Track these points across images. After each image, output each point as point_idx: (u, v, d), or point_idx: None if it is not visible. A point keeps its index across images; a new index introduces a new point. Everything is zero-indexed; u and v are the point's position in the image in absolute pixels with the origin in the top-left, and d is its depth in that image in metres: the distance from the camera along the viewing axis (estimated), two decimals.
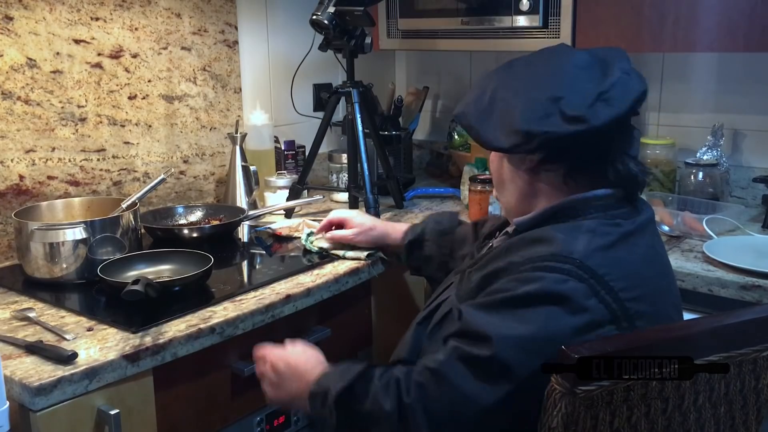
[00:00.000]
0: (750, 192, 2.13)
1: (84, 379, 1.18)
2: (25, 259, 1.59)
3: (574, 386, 0.89)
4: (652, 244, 1.15)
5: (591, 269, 1.02)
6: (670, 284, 1.17)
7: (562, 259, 1.03)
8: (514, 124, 1.10)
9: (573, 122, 1.07)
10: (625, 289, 1.03)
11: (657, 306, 1.08)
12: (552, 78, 1.12)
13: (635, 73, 1.14)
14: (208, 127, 2.18)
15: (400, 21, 2.32)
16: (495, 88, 1.16)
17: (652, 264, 1.12)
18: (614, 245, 1.06)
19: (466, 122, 1.19)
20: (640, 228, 1.12)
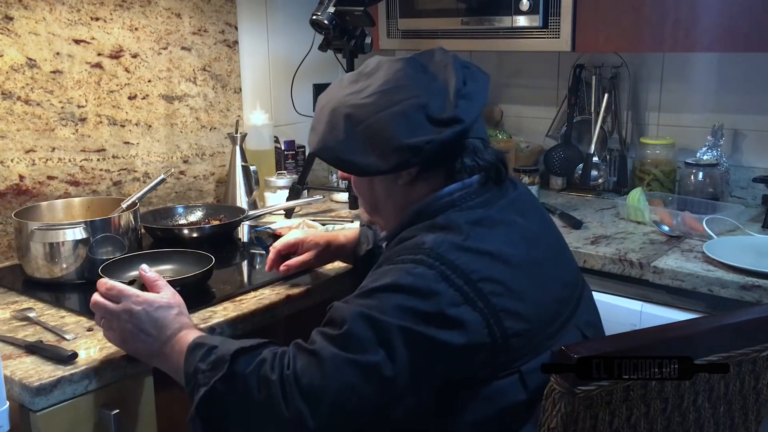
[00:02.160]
0: (750, 192, 2.13)
1: (84, 379, 1.18)
2: (25, 259, 1.59)
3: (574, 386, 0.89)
4: (517, 221, 1.14)
5: (440, 255, 1.03)
6: (543, 257, 1.14)
7: (415, 251, 1.05)
8: (392, 143, 1.08)
9: (447, 125, 1.07)
10: (476, 271, 1.03)
11: (519, 284, 1.06)
12: (404, 88, 1.10)
13: (470, 64, 1.16)
14: (208, 127, 2.18)
15: (400, 21, 2.32)
16: (347, 114, 1.12)
17: (515, 244, 1.10)
18: (468, 234, 1.07)
19: (332, 156, 1.14)
20: (500, 210, 1.13)
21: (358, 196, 1.25)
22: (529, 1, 2.01)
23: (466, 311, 1.01)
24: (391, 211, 1.20)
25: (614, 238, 1.85)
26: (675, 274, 1.61)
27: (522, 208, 1.17)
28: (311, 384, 1.01)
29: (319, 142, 1.16)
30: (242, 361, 1.06)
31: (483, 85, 1.15)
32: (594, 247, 1.77)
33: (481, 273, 1.04)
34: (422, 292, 1.01)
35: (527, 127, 2.55)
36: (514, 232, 1.12)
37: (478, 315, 1.02)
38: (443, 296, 1.01)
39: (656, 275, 1.64)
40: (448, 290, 1.01)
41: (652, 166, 2.23)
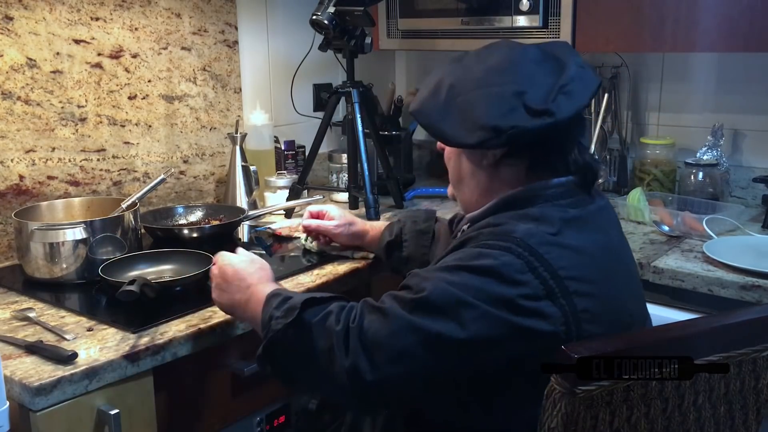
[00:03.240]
0: (750, 192, 2.13)
1: (84, 379, 1.18)
2: (25, 259, 1.59)
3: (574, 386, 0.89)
4: (604, 230, 1.15)
5: (530, 246, 1.04)
6: (622, 271, 1.16)
7: (504, 237, 1.06)
8: (480, 120, 1.09)
9: (539, 116, 1.08)
10: (565, 268, 1.04)
11: (603, 289, 1.07)
12: (511, 73, 1.12)
13: (588, 66, 1.17)
14: (208, 127, 2.18)
15: (400, 21, 2.32)
16: (451, 84, 1.15)
17: (601, 250, 1.11)
18: (560, 230, 1.08)
19: (425, 120, 1.17)
20: (590, 215, 1.13)
21: (448, 167, 1.28)
22: (529, 1, 2.01)
23: (546, 305, 1.01)
24: (473, 189, 1.21)
25: None
26: (675, 274, 1.61)
27: (608, 218, 1.19)
28: (375, 339, 1.04)
29: (419, 103, 1.19)
30: (311, 310, 1.12)
31: (589, 87, 1.14)
32: None
33: (569, 271, 1.04)
34: (506, 278, 1.01)
35: None
36: (602, 238, 1.13)
37: (558, 311, 1.02)
38: (527, 286, 1.01)
39: (656, 275, 1.64)
40: (533, 281, 1.01)
41: (652, 166, 2.23)
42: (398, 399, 1.10)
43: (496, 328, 1.01)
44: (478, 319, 1.00)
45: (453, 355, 1.02)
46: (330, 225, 1.68)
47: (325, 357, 1.08)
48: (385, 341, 1.03)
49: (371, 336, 1.04)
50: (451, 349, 1.02)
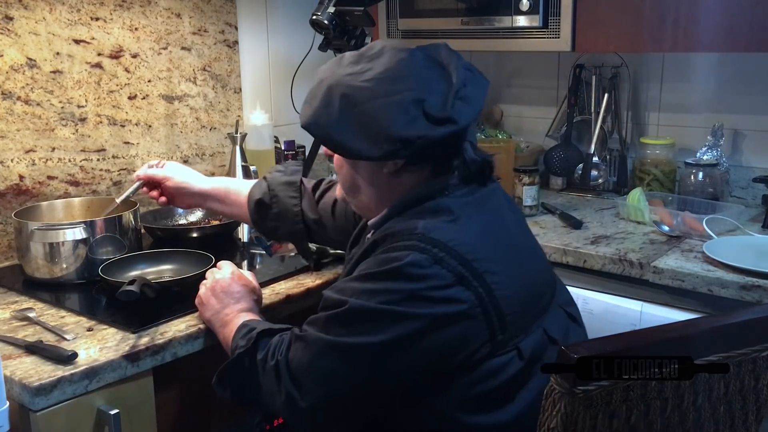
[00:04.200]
0: (750, 192, 2.13)
1: (84, 379, 1.19)
2: (25, 259, 1.59)
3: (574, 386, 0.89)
4: (497, 209, 1.18)
5: (432, 239, 1.05)
6: (523, 246, 1.20)
7: (407, 237, 1.07)
8: (384, 132, 1.07)
9: (442, 123, 1.08)
10: (470, 251, 1.06)
11: (509, 264, 1.10)
12: (406, 80, 1.10)
13: (473, 67, 1.17)
14: (208, 127, 2.18)
15: (400, 21, 2.32)
16: (343, 93, 1.11)
17: (500, 228, 1.15)
18: (458, 216, 1.10)
19: (321, 133, 1.13)
20: (483, 197, 1.16)
21: (338, 175, 1.25)
22: (529, 1, 2.01)
23: (458, 291, 1.03)
24: (371, 197, 1.20)
25: (614, 238, 1.85)
26: (675, 274, 1.61)
27: (499, 197, 1.22)
28: (299, 366, 1.09)
29: (311, 116, 1.15)
30: (262, 343, 1.17)
31: (482, 90, 1.16)
32: (594, 247, 1.77)
33: (475, 253, 1.06)
34: (414, 276, 1.03)
35: (527, 127, 2.55)
36: (497, 217, 1.16)
37: (471, 294, 1.04)
38: (435, 278, 1.03)
39: (656, 275, 1.64)
40: (441, 271, 1.03)
41: (652, 166, 2.23)
42: (341, 417, 1.11)
43: (413, 324, 1.02)
44: (393, 321, 1.02)
45: (376, 362, 1.04)
46: (159, 171, 1.58)
47: (267, 390, 1.14)
48: (308, 367, 1.08)
49: (296, 365, 1.09)
50: (374, 357, 1.04)
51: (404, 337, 1.03)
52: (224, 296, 1.33)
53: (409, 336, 1.03)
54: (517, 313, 1.07)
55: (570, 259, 1.77)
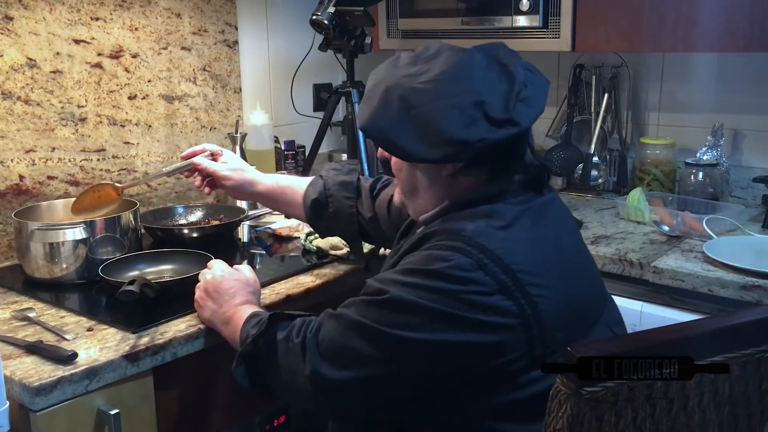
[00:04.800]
0: (750, 192, 2.13)
1: (84, 379, 1.18)
2: (25, 259, 1.59)
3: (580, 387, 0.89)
4: (555, 223, 1.15)
5: (480, 244, 1.04)
6: (576, 258, 1.17)
7: (454, 237, 1.06)
8: (443, 134, 1.05)
9: (502, 126, 1.06)
10: (517, 261, 1.04)
11: (557, 279, 1.07)
12: (464, 81, 1.08)
13: (534, 68, 1.15)
14: (208, 127, 2.18)
15: (400, 21, 2.32)
16: (401, 95, 1.08)
17: (554, 239, 1.12)
18: (510, 223, 1.08)
19: (380, 136, 1.11)
20: (540, 208, 1.13)
21: (397, 178, 1.23)
22: (529, 1, 2.01)
23: (500, 299, 1.01)
24: (429, 199, 1.18)
25: (614, 238, 1.85)
26: (675, 274, 1.61)
27: (557, 209, 1.19)
28: (331, 345, 1.08)
29: (369, 118, 1.12)
30: (279, 325, 1.18)
31: (543, 91, 1.13)
32: (594, 247, 1.77)
33: (521, 264, 1.04)
34: (457, 278, 1.02)
35: None
36: (551, 229, 1.13)
37: (513, 304, 1.02)
38: (477, 284, 1.01)
39: (656, 275, 1.64)
40: (484, 278, 1.01)
41: (652, 166, 2.23)
42: (362, 403, 1.11)
43: (449, 325, 1.02)
44: (430, 318, 1.02)
45: (408, 355, 1.04)
46: (220, 167, 1.58)
47: (289, 368, 1.13)
48: (340, 346, 1.07)
49: (327, 343, 1.09)
50: (406, 350, 1.03)
51: (439, 336, 1.02)
52: (218, 295, 1.33)
53: (444, 336, 1.02)
54: (559, 329, 1.05)
55: None
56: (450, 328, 1.02)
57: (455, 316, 1.01)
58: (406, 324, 1.03)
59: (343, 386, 1.07)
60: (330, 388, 1.08)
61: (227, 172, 1.57)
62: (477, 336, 1.02)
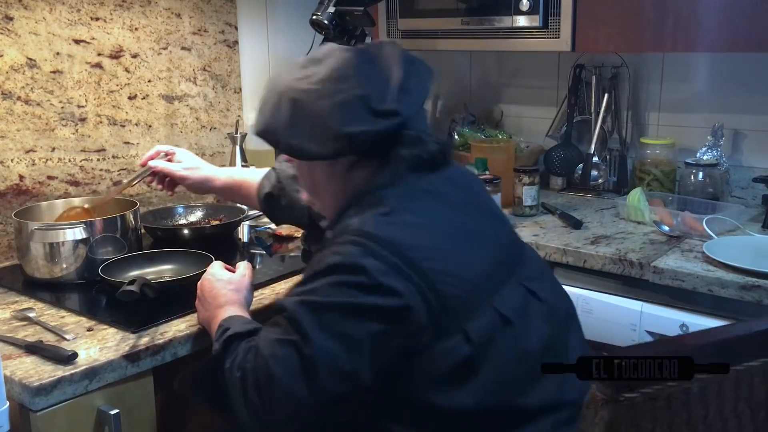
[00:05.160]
0: (750, 192, 2.13)
1: (84, 379, 1.19)
2: (25, 259, 1.59)
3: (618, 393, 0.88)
4: (444, 191, 1.18)
5: (366, 232, 1.07)
6: (475, 223, 1.19)
7: (343, 233, 1.10)
8: (331, 131, 1.11)
9: (386, 116, 1.11)
10: (403, 241, 1.07)
11: (452, 247, 1.11)
12: (350, 78, 1.13)
13: (416, 59, 1.20)
14: (208, 127, 2.18)
15: (400, 21, 2.32)
16: (292, 98, 1.15)
17: (445, 210, 1.15)
18: (394, 208, 1.11)
19: (274, 138, 1.17)
20: (429, 183, 1.16)
21: (300, 178, 1.29)
22: (529, 1, 2.01)
23: (394, 280, 1.03)
24: (330, 196, 1.23)
25: (614, 238, 1.85)
26: (675, 274, 1.61)
27: (452, 182, 1.21)
28: (256, 376, 1.05)
29: (263, 123, 1.19)
30: (231, 348, 1.14)
31: (425, 80, 1.20)
32: (594, 247, 1.77)
33: (409, 242, 1.07)
34: (349, 267, 1.04)
35: (527, 127, 2.55)
36: (443, 200, 1.17)
37: (408, 283, 1.04)
38: (369, 269, 1.04)
39: (656, 275, 1.64)
40: (374, 263, 1.04)
41: (652, 166, 2.23)
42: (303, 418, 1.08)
43: (351, 315, 1.03)
44: (333, 314, 1.03)
45: (324, 356, 1.03)
46: (176, 168, 1.62)
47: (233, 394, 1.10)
48: (264, 375, 1.05)
49: (251, 375, 1.06)
50: (320, 352, 1.03)
51: (345, 328, 1.03)
52: (204, 300, 1.33)
53: (349, 326, 1.03)
54: (460, 296, 1.07)
55: (570, 259, 1.77)
56: (353, 319, 1.03)
57: (355, 305, 1.03)
58: (311, 328, 1.03)
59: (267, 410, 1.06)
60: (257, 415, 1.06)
61: (184, 171, 1.62)
62: (380, 320, 1.03)
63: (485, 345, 1.07)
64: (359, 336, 1.03)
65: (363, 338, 1.03)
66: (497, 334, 1.09)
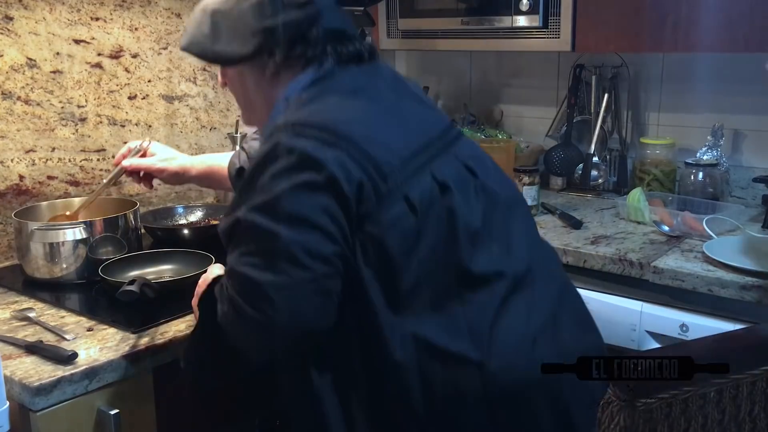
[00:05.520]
0: (750, 192, 2.13)
1: (84, 379, 1.19)
2: (25, 259, 1.59)
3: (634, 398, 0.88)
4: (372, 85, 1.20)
5: (293, 122, 1.08)
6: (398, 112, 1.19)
7: (270, 131, 1.10)
8: (249, 27, 1.16)
9: (300, 7, 1.16)
10: (330, 119, 1.08)
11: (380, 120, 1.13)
12: None
13: None
14: (208, 127, 2.18)
15: (400, 21, 2.32)
16: (213, 10, 1.19)
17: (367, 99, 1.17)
18: (316, 95, 1.14)
19: (199, 50, 1.22)
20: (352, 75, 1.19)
21: (234, 96, 1.31)
22: (529, 1, 2.01)
23: (327, 152, 1.04)
24: (262, 104, 1.24)
25: (614, 238, 1.85)
26: (675, 274, 1.61)
27: (378, 71, 1.23)
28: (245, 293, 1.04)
29: (188, 38, 1.23)
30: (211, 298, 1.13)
31: None
32: (594, 247, 1.77)
33: (338, 117, 1.09)
34: (280, 153, 1.05)
35: (527, 127, 2.55)
36: (371, 89, 1.19)
37: (341, 152, 1.04)
38: (301, 149, 1.04)
39: (656, 275, 1.64)
40: (305, 142, 1.04)
41: (652, 166, 2.23)
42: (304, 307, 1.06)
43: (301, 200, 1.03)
44: (283, 206, 1.03)
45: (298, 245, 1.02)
46: (153, 161, 1.59)
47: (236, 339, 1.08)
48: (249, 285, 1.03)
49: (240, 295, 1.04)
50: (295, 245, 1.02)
51: (301, 211, 1.02)
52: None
53: (304, 209, 1.03)
54: (395, 164, 1.08)
55: (570, 259, 1.77)
56: (306, 198, 1.03)
57: (299, 185, 1.03)
58: (272, 219, 1.02)
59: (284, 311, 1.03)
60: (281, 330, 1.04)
61: (160, 164, 1.60)
62: (327, 191, 1.03)
63: (427, 211, 1.07)
64: (314, 214, 1.03)
65: (319, 215, 1.03)
66: (437, 201, 1.09)
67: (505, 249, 1.13)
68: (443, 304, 1.07)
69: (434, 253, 1.07)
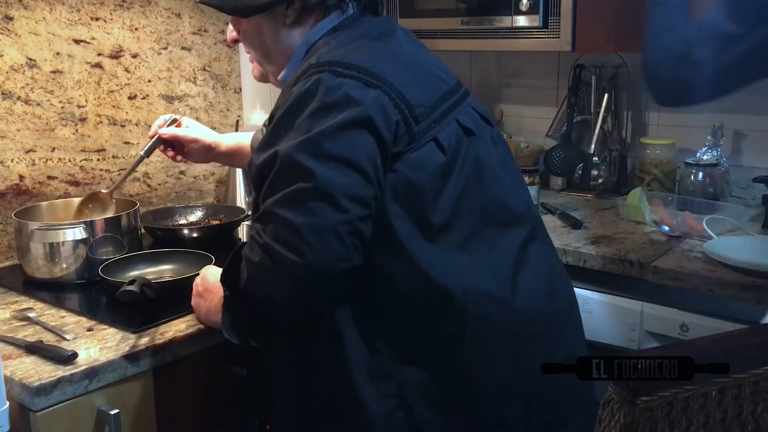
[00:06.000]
0: (750, 192, 2.13)
1: (84, 379, 1.19)
2: (25, 259, 1.59)
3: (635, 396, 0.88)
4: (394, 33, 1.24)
5: (329, 61, 1.10)
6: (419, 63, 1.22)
7: (306, 73, 1.11)
8: None
9: None
10: (369, 60, 1.10)
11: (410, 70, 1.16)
12: None
13: None
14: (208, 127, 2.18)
15: (400, 21, 2.31)
16: None
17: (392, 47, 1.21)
18: (353, 39, 1.18)
19: (218, 1, 1.24)
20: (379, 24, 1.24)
21: (250, 50, 1.32)
22: (529, 1, 2.01)
23: (369, 93, 1.06)
24: (281, 54, 1.26)
25: (614, 238, 1.85)
26: (675, 274, 1.61)
27: (391, 22, 1.29)
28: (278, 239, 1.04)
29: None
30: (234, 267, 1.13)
31: None
32: (594, 247, 1.77)
33: (373, 62, 1.11)
34: (320, 92, 1.06)
35: (527, 127, 2.55)
36: (393, 35, 1.23)
37: (378, 91, 1.07)
38: (344, 89, 1.06)
39: (656, 275, 1.64)
40: (345, 80, 1.06)
41: (652, 166, 2.23)
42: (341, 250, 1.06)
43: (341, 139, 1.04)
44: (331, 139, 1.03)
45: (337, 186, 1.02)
46: (188, 132, 1.61)
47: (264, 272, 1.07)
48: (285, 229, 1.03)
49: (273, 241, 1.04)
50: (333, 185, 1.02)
51: (337, 150, 1.03)
52: (206, 292, 1.32)
53: (343, 148, 1.03)
54: (426, 106, 1.12)
55: (570, 259, 1.77)
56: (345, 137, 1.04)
57: (340, 124, 1.03)
58: (314, 158, 1.02)
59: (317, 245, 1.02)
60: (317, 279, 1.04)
61: (194, 134, 1.61)
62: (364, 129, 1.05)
63: (455, 153, 1.12)
64: (355, 155, 1.04)
65: (360, 157, 1.04)
66: (463, 144, 1.14)
67: (522, 195, 1.24)
68: (470, 245, 1.11)
69: (464, 193, 1.11)
